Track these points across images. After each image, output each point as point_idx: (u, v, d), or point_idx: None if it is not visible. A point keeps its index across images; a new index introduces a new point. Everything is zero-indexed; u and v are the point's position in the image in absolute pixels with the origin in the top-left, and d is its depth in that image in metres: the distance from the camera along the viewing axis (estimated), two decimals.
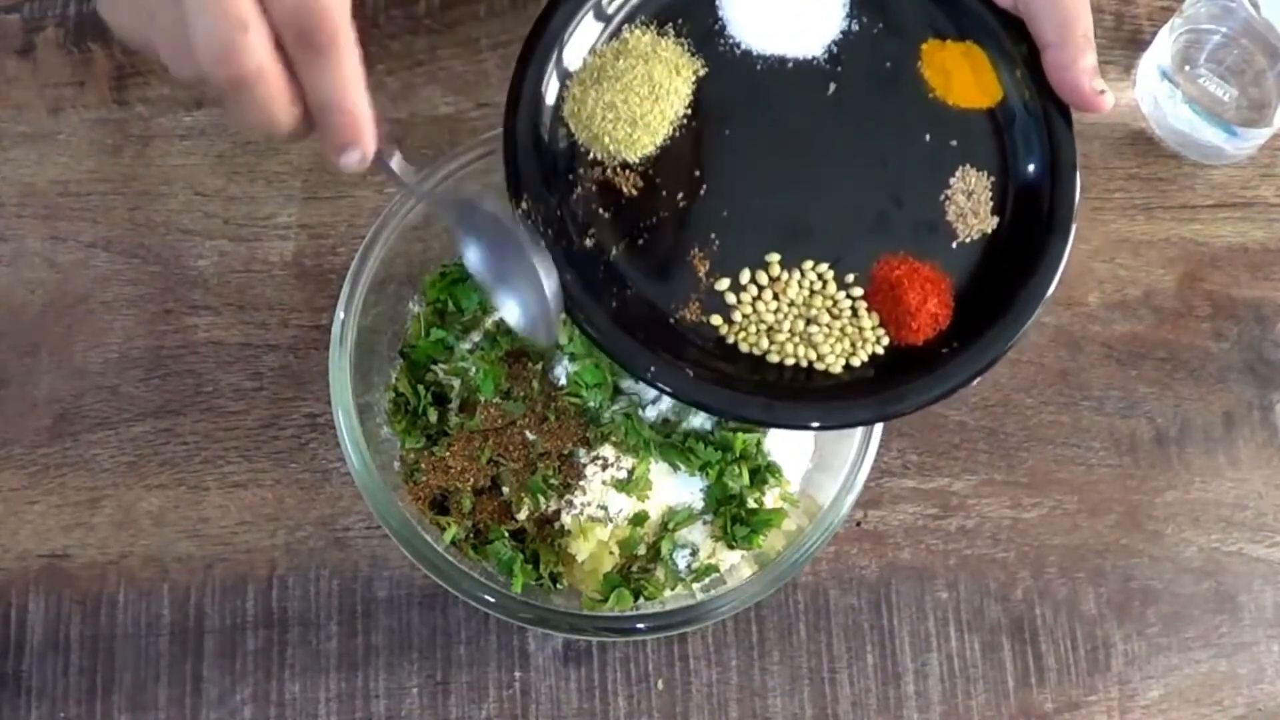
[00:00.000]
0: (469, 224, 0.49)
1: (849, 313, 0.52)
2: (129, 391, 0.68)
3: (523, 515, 0.62)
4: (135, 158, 0.72)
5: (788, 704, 0.64)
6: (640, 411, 0.62)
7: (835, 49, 0.54)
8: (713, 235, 0.52)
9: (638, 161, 0.52)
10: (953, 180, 0.52)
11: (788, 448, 0.64)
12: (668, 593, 0.62)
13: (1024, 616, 0.66)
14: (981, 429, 0.69)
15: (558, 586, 0.62)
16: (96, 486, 0.66)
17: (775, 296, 0.51)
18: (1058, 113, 0.52)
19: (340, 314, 0.59)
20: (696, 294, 0.51)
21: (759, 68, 0.53)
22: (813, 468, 0.65)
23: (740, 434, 0.62)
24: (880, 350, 0.51)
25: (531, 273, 0.48)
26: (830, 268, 0.52)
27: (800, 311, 0.51)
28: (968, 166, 0.52)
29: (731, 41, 0.54)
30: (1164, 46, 0.73)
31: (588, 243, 0.51)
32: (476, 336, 0.64)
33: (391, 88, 0.73)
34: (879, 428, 0.59)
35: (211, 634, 0.64)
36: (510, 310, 0.51)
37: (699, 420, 0.63)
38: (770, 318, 0.51)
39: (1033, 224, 0.52)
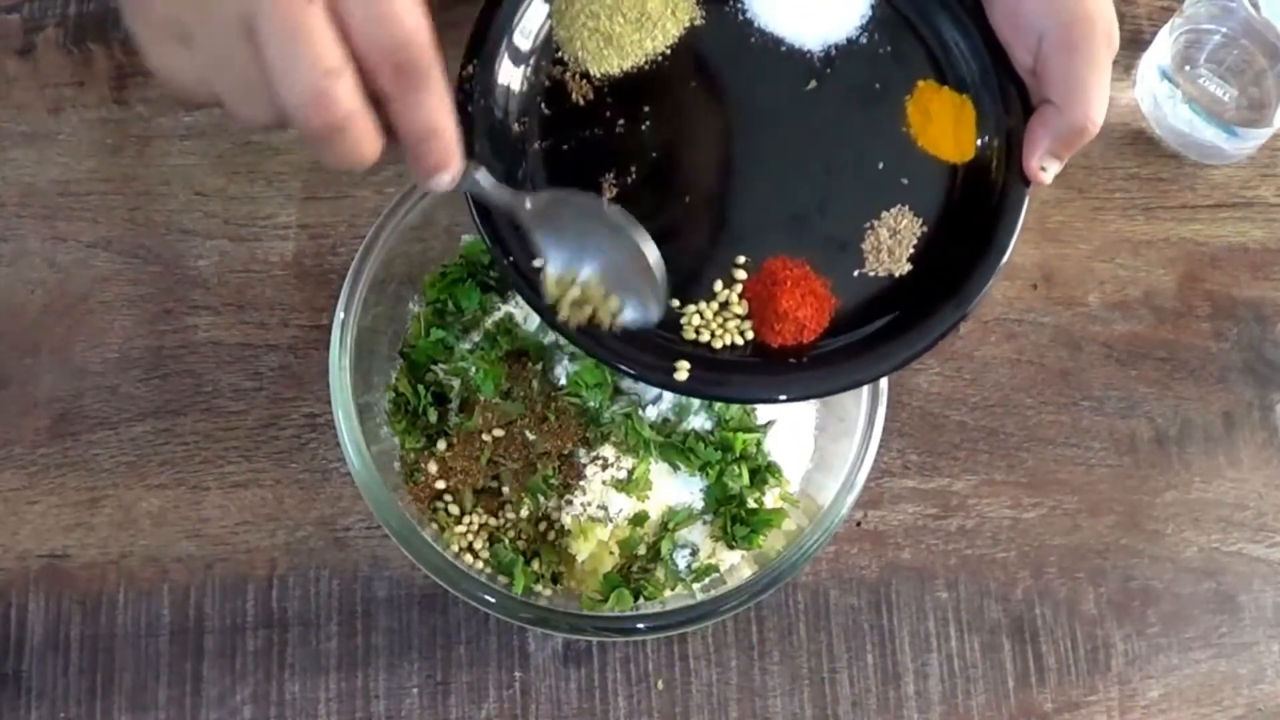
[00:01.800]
0: (552, 223, 0.48)
1: (723, 294, 0.51)
2: (129, 391, 0.68)
3: (523, 515, 0.62)
4: (135, 158, 0.72)
5: (788, 704, 0.64)
6: (640, 411, 0.62)
7: (833, 52, 0.53)
8: (633, 170, 0.51)
9: (597, 76, 0.52)
10: (885, 214, 0.51)
11: (788, 448, 0.64)
12: (668, 593, 0.62)
13: (1024, 616, 0.66)
14: (981, 429, 0.69)
15: (558, 586, 0.62)
16: (96, 486, 0.66)
17: None
18: (1014, 200, 0.51)
19: (340, 314, 0.59)
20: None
21: (753, 40, 0.53)
22: (813, 468, 0.65)
23: (740, 434, 0.62)
24: (740, 341, 0.51)
25: (629, 247, 0.47)
26: (728, 244, 0.51)
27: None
28: (906, 208, 0.52)
29: (739, 5, 0.54)
30: (1164, 46, 0.73)
31: (515, 126, 0.51)
32: (476, 336, 0.64)
33: None
34: (879, 428, 0.59)
35: (211, 634, 0.64)
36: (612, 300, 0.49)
37: (699, 420, 0.63)
38: None
39: (939, 289, 0.51)
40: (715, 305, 0.51)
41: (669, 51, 0.53)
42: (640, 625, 0.58)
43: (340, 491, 0.66)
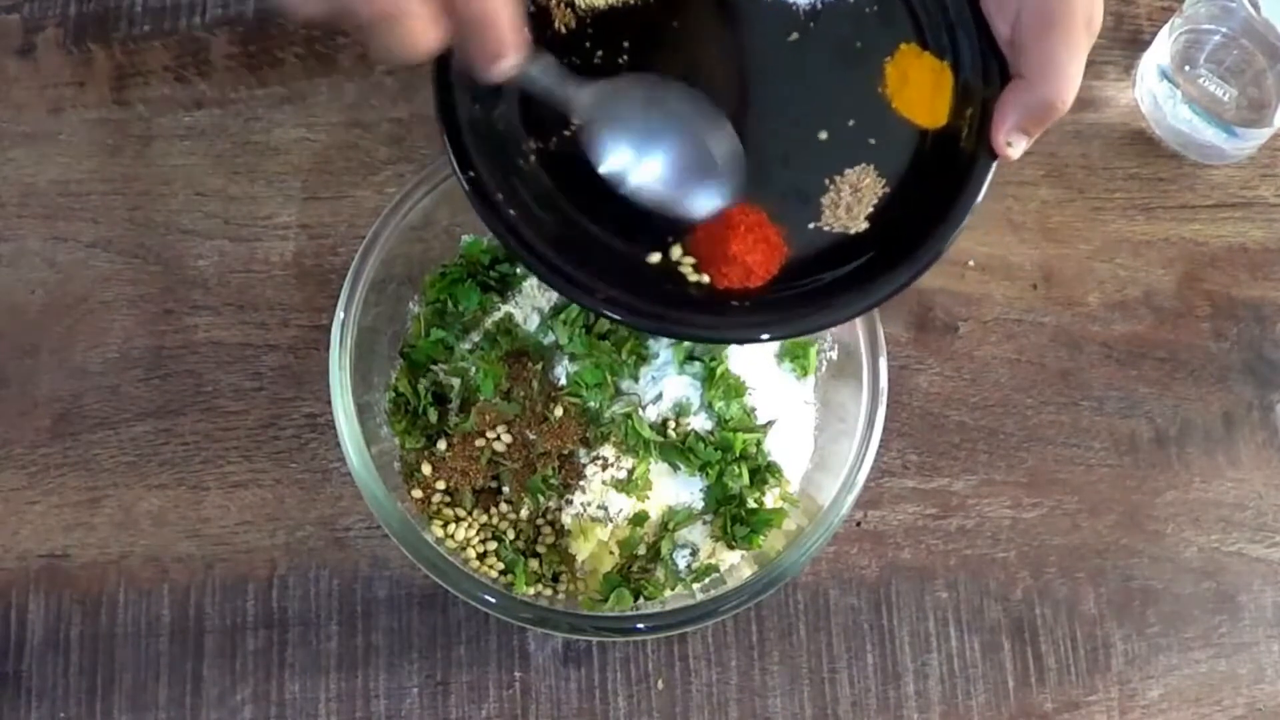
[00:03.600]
0: (610, 117, 0.48)
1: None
2: (129, 391, 0.68)
3: (523, 515, 0.62)
4: (135, 158, 0.72)
5: (788, 704, 0.64)
6: (640, 411, 0.62)
7: (819, 6, 0.53)
8: None
9: (582, 6, 0.52)
10: (849, 171, 0.51)
11: (788, 448, 0.64)
12: (668, 593, 0.62)
13: (1024, 616, 0.66)
14: (981, 429, 0.69)
15: (558, 586, 0.62)
16: (96, 486, 0.66)
17: None
18: (979, 172, 0.50)
19: (340, 314, 0.59)
20: (559, 139, 0.50)
21: None
22: (813, 468, 0.65)
23: (740, 434, 0.62)
24: (693, 277, 0.50)
25: (694, 138, 0.47)
26: None
27: None
28: (870, 167, 0.51)
29: None
30: (1164, 46, 0.73)
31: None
32: (476, 336, 0.64)
33: (391, 88, 0.73)
34: (879, 428, 0.59)
35: (211, 634, 0.64)
36: (673, 177, 0.49)
37: (699, 420, 0.63)
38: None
39: (892, 251, 0.50)
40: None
41: None
42: (640, 625, 0.58)
43: (340, 491, 0.66)
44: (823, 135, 0.52)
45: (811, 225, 0.51)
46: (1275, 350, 0.72)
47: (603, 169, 0.48)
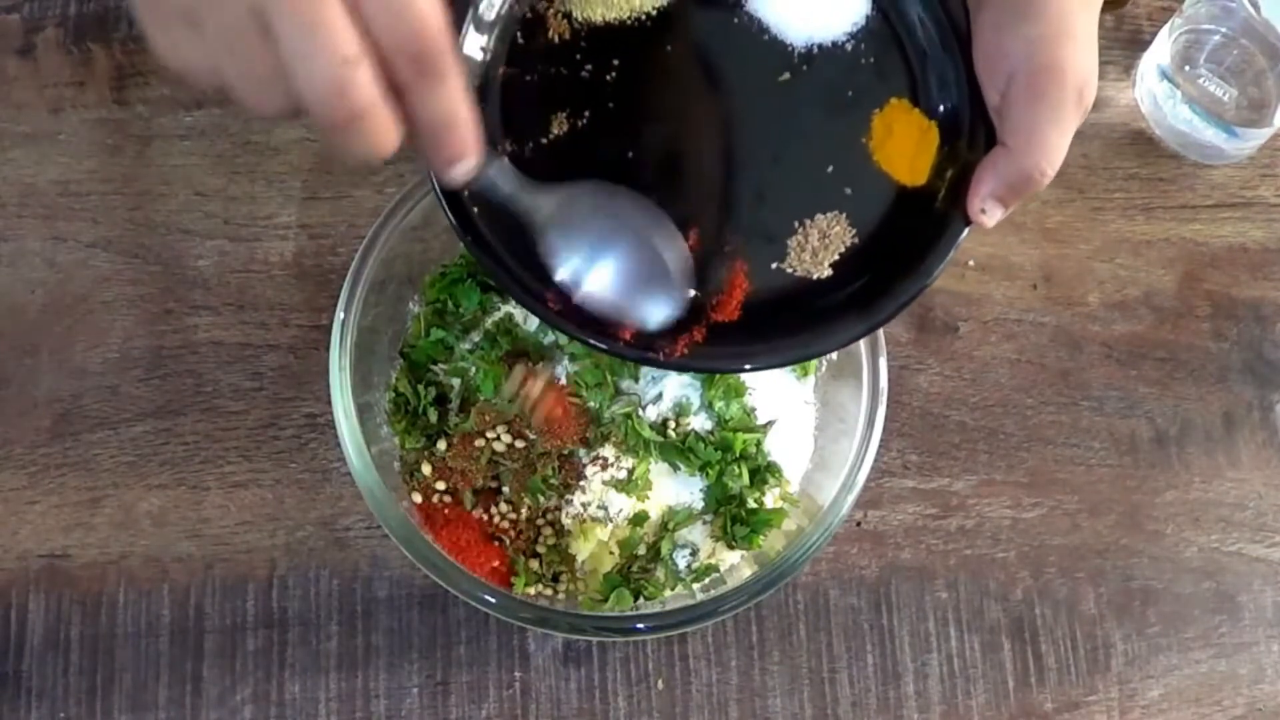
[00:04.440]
0: (567, 221, 0.48)
1: None
2: (129, 391, 0.68)
3: (523, 515, 0.62)
4: (135, 158, 0.72)
5: (788, 704, 0.64)
6: (640, 411, 0.62)
7: (815, 51, 0.53)
8: (586, 115, 0.51)
9: (578, 20, 0.52)
10: (819, 217, 0.51)
11: (788, 448, 0.64)
12: (668, 593, 0.62)
13: (1024, 616, 0.66)
14: (981, 429, 0.69)
15: (558, 586, 0.62)
16: (96, 486, 0.66)
17: None
18: (950, 234, 0.50)
19: (340, 314, 0.59)
20: (535, 146, 0.51)
21: (738, 20, 0.53)
22: (813, 468, 0.65)
23: (740, 434, 0.62)
24: None
25: (648, 248, 0.47)
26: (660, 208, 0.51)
27: None
28: (842, 215, 0.51)
29: None
30: (1164, 46, 0.73)
31: (481, 45, 0.51)
32: (476, 336, 0.64)
33: None
34: (879, 428, 0.59)
35: (211, 634, 0.64)
36: (618, 289, 0.48)
37: (699, 421, 0.63)
38: None
39: (851, 301, 0.50)
40: None
41: (654, 13, 0.53)
42: (640, 625, 0.58)
43: (340, 491, 0.66)
44: (799, 177, 0.51)
45: (774, 265, 0.50)
46: (1275, 350, 0.72)
47: (558, 276, 0.48)
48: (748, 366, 0.51)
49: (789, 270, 0.50)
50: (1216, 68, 0.73)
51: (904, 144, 0.52)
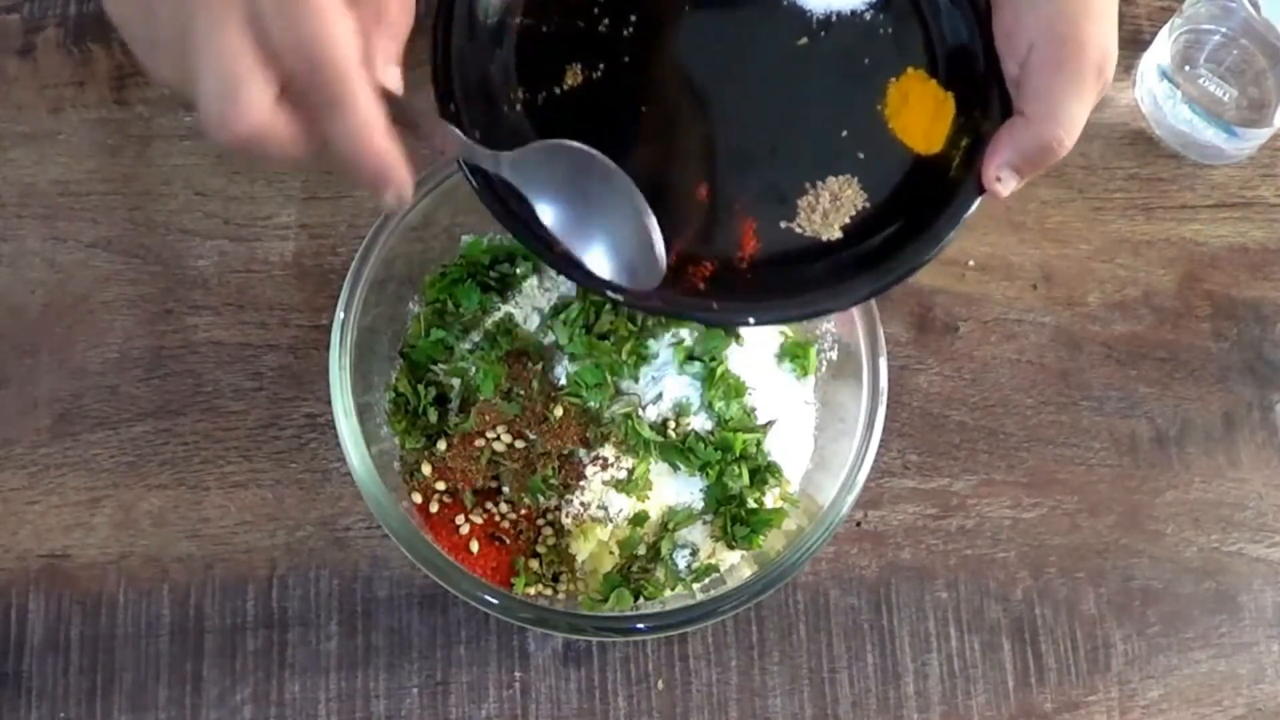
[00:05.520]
0: (544, 179, 0.48)
1: None
2: (129, 391, 0.68)
3: (523, 515, 0.62)
4: (135, 158, 0.72)
5: (788, 704, 0.64)
6: (640, 411, 0.62)
7: (833, 18, 0.53)
8: (601, 67, 0.51)
9: None
10: (831, 179, 0.51)
11: (788, 448, 0.64)
12: (668, 593, 0.62)
13: (1024, 616, 0.66)
14: (981, 429, 0.69)
15: (558, 586, 0.62)
16: (96, 486, 0.66)
17: None
18: (962, 202, 0.50)
19: (340, 314, 0.59)
20: (548, 95, 0.51)
21: None
22: (813, 468, 0.65)
23: (740, 434, 0.62)
24: None
25: (624, 206, 0.47)
26: (672, 163, 0.51)
27: None
28: (854, 179, 0.51)
29: None
30: (1164, 46, 0.73)
31: None
32: (476, 336, 0.64)
33: None
34: (879, 428, 0.59)
35: (211, 634, 0.64)
36: (598, 258, 0.48)
37: (699, 421, 0.63)
38: None
39: (860, 263, 0.50)
40: None
41: None
42: (640, 625, 0.58)
43: (340, 491, 0.66)
44: (812, 139, 0.52)
45: (784, 224, 0.51)
46: (1275, 350, 0.72)
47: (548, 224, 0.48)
48: (751, 320, 0.51)
49: (798, 230, 0.51)
50: (1216, 68, 0.73)
51: (919, 113, 0.52)
